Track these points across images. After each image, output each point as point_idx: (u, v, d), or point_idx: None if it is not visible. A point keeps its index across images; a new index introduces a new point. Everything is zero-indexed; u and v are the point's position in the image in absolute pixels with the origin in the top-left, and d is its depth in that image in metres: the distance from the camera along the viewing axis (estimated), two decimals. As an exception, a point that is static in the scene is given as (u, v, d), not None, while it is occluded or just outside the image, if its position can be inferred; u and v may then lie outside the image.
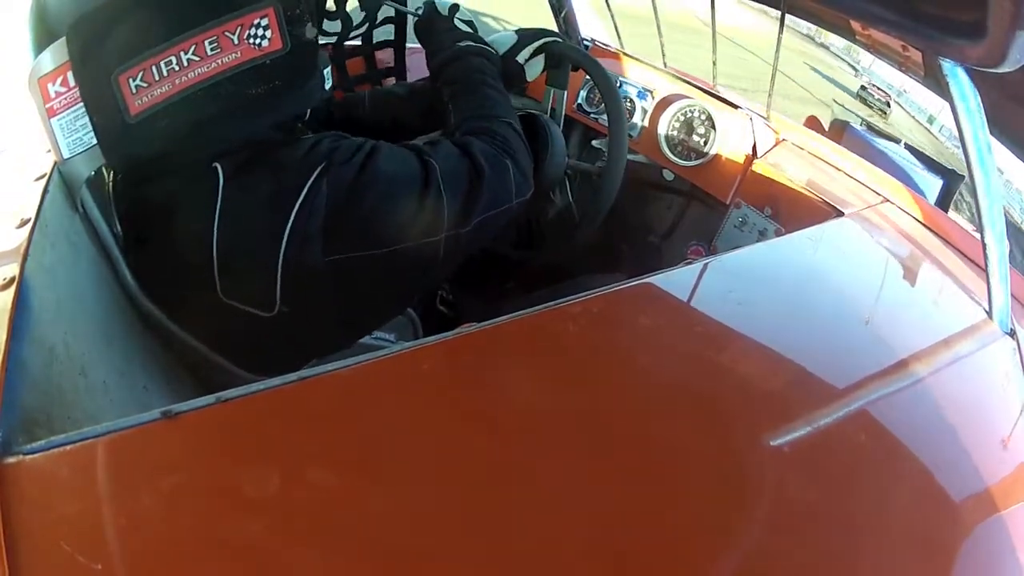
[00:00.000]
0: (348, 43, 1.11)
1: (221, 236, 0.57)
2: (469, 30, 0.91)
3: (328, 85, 0.70)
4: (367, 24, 1.07)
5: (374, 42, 1.19)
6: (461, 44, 0.86)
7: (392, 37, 1.20)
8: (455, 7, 0.92)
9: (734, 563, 0.42)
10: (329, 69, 0.70)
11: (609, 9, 1.59)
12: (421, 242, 0.65)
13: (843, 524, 0.48)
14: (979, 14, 0.58)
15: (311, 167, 0.59)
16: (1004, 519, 0.55)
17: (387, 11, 1.07)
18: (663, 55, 1.55)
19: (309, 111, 0.69)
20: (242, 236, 0.58)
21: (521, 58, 0.94)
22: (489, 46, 0.89)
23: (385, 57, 1.26)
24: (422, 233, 0.65)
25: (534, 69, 0.95)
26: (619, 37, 1.63)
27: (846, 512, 0.49)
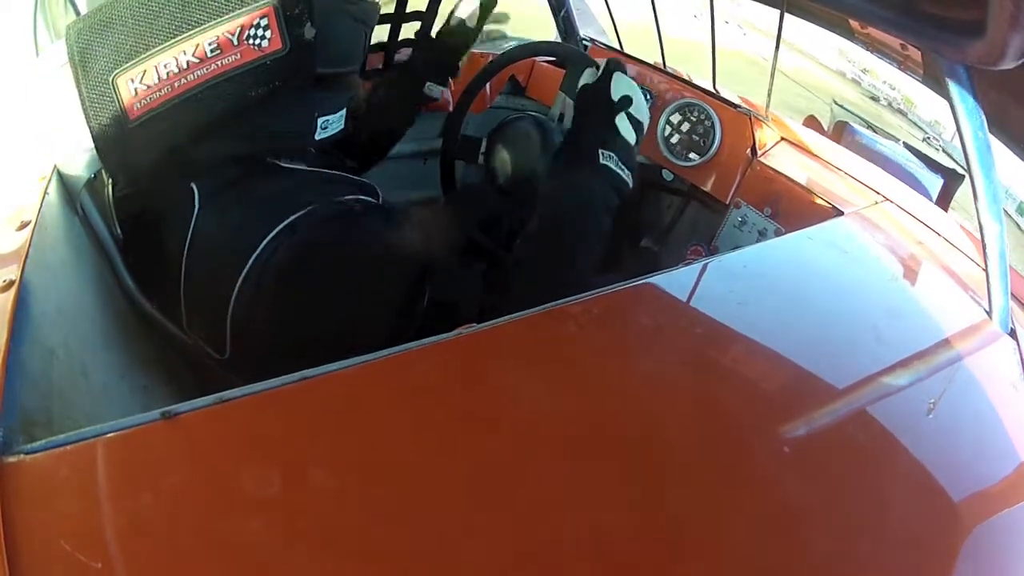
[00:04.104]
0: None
1: (188, 268, 0.56)
2: (632, 133, 0.72)
3: (341, 127, 0.66)
4: (396, 18, 1.07)
5: (399, 39, 1.18)
6: (601, 153, 0.68)
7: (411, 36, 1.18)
8: (626, 100, 0.70)
9: (734, 563, 0.42)
10: (344, 113, 0.66)
11: (609, 10, 1.59)
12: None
13: (843, 524, 0.48)
14: (978, 13, 0.58)
15: (282, 214, 0.55)
16: (1004, 519, 0.55)
17: (416, 6, 1.06)
18: (663, 56, 1.55)
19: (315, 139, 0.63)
20: (204, 272, 0.56)
21: (461, 12, 0.99)
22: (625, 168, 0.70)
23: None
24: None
25: (472, 19, 0.99)
26: (619, 38, 1.63)
27: (846, 512, 0.49)
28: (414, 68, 1.01)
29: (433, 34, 1.05)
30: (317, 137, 0.63)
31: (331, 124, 0.64)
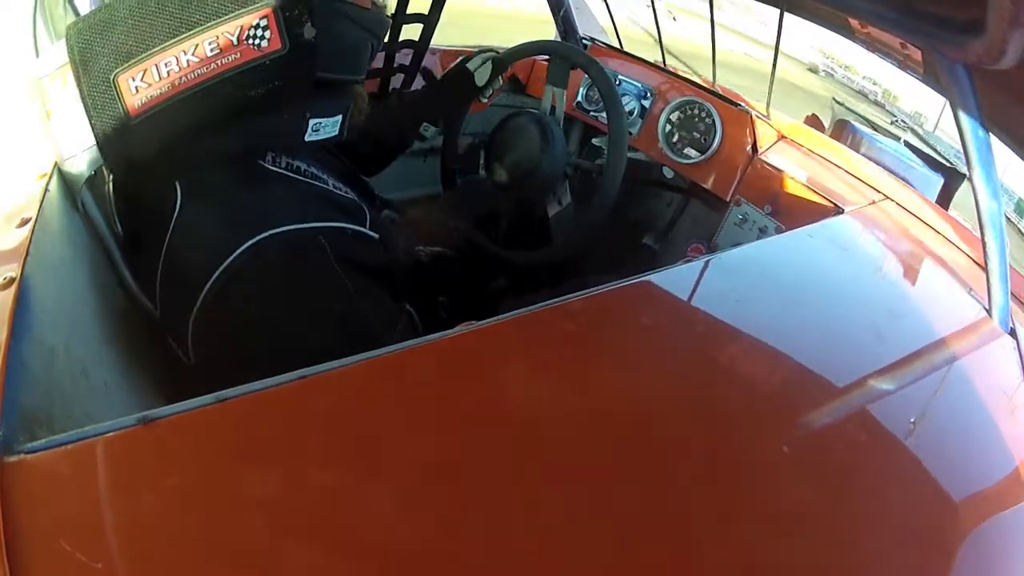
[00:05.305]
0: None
1: (163, 268, 0.56)
2: None
3: (335, 133, 0.65)
4: (397, 19, 1.07)
5: (399, 40, 1.18)
6: None
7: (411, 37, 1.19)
8: None
9: (734, 562, 0.42)
10: (339, 119, 0.65)
11: (608, 9, 1.59)
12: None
13: (843, 523, 0.48)
14: (978, 11, 0.58)
15: (254, 228, 0.54)
16: (1004, 519, 0.55)
17: (417, 7, 1.07)
18: (663, 54, 1.55)
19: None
20: (175, 275, 0.56)
21: (472, 65, 1.02)
22: None
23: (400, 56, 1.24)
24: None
25: (482, 75, 1.03)
26: (618, 37, 1.63)
27: (846, 511, 0.49)
28: (415, 109, 1.03)
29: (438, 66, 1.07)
30: (307, 139, 0.63)
31: (323, 127, 0.64)
